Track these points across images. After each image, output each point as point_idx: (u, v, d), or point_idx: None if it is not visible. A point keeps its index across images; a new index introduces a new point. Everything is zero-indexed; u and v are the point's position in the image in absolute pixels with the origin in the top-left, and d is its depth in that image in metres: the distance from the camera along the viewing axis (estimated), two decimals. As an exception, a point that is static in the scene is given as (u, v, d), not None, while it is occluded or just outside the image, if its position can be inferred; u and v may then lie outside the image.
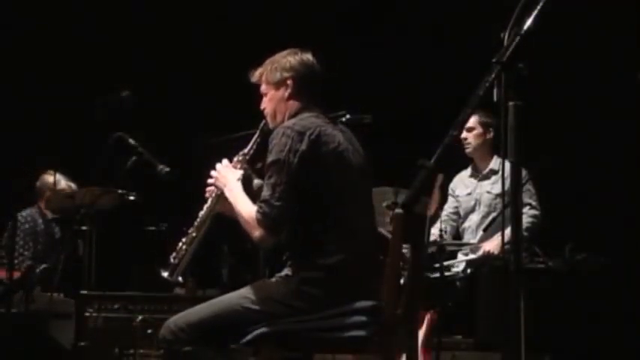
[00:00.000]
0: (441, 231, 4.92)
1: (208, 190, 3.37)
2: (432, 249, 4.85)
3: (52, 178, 5.85)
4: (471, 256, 5.23)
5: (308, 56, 3.32)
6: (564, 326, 4.75)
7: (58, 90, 6.60)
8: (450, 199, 5.61)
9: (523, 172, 2.37)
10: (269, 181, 3.09)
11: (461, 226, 5.58)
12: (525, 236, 5.09)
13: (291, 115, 3.27)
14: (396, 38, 6.52)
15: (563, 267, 4.84)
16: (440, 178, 3.09)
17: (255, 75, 3.36)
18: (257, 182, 3.43)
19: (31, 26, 6.80)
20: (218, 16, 6.81)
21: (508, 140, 2.09)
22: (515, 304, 2.06)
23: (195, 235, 3.34)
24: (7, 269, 5.02)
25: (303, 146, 3.08)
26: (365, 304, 3.07)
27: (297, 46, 3.35)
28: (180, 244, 3.34)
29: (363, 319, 3.06)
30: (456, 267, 5.24)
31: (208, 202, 3.36)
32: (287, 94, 3.28)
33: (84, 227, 5.15)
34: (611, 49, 5.57)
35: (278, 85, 3.30)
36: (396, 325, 2.94)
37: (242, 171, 3.34)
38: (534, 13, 2.07)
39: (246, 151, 3.41)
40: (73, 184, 5.89)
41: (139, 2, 6.84)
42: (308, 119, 3.19)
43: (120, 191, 5.02)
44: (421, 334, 4.57)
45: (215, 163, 3.36)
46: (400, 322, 2.93)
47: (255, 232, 3.09)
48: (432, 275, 4.86)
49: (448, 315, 4.71)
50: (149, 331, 4.61)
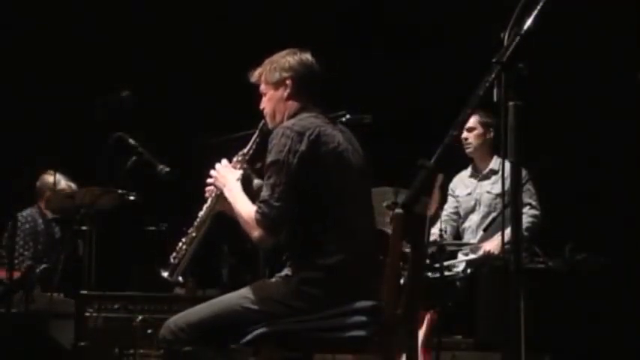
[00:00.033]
0: (441, 231, 4.92)
1: (208, 190, 3.37)
2: (432, 249, 4.85)
3: (52, 178, 5.84)
4: (471, 256, 5.23)
5: (307, 56, 3.32)
6: (564, 326, 4.75)
7: (58, 90, 6.60)
8: (450, 199, 5.61)
9: (523, 172, 2.37)
10: (268, 182, 3.09)
11: (461, 226, 5.58)
12: (525, 236, 5.10)
13: (290, 115, 3.27)
14: (396, 38, 6.52)
15: (563, 267, 4.84)
16: (440, 178, 3.09)
17: (255, 75, 3.36)
18: (257, 182, 3.43)
19: (31, 26, 6.80)
20: (218, 16, 6.81)
21: (508, 140, 2.10)
22: (515, 304, 2.06)
23: (195, 235, 3.34)
24: (7, 269, 5.02)
25: (303, 147, 3.08)
26: (365, 304, 3.07)
27: (297, 46, 3.35)
28: (180, 244, 3.34)
29: (363, 319, 3.06)
30: (456, 267, 5.24)
31: (208, 202, 3.36)
32: (286, 94, 3.28)
33: (84, 227, 5.15)
34: (611, 49, 5.57)
35: (277, 85, 3.29)
36: (396, 325, 2.94)
37: (241, 171, 3.34)
38: (534, 13, 2.07)
39: (245, 151, 3.41)
40: (73, 184, 5.89)
41: (139, 2, 6.84)
42: (307, 119, 3.19)
43: (120, 191, 5.02)
44: (421, 334, 4.57)
45: (215, 163, 3.36)
46: (400, 322, 2.93)
47: (255, 232, 3.09)
48: (432, 275, 4.87)
49: (448, 315, 4.71)
50: (149, 331, 4.60)
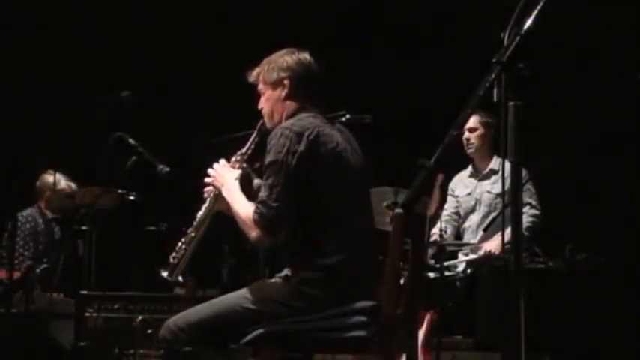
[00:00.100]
0: (441, 231, 4.92)
1: (206, 191, 3.37)
2: (432, 249, 4.85)
3: (52, 178, 5.84)
4: (471, 256, 5.23)
5: (305, 56, 3.31)
6: (564, 326, 4.75)
7: (58, 90, 6.60)
8: (450, 199, 5.61)
9: (523, 172, 2.37)
10: (267, 182, 3.09)
11: (461, 226, 5.58)
12: (525, 236, 5.10)
13: (289, 114, 3.26)
14: (396, 38, 6.52)
15: (563, 267, 4.84)
16: (440, 178, 3.09)
17: (253, 75, 3.35)
18: (257, 182, 3.43)
19: (31, 26, 6.80)
20: (218, 16, 6.81)
21: (508, 140, 2.09)
22: (515, 304, 2.06)
23: (194, 235, 3.34)
24: (7, 269, 5.02)
25: (302, 147, 3.07)
26: (365, 304, 3.07)
27: (297, 46, 3.34)
28: (180, 243, 3.34)
29: (363, 319, 3.06)
30: (456, 267, 5.24)
31: (207, 202, 3.36)
32: (284, 93, 3.27)
33: (84, 227, 5.15)
34: (611, 49, 5.57)
35: (275, 84, 3.29)
36: (396, 325, 2.94)
37: (240, 171, 3.34)
38: (534, 13, 2.07)
39: (244, 150, 3.41)
40: (73, 184, 5.89)
41: (139, 2, 6.84)
42: (306, 119, 3.18)
43: (120, 191, 5.03)
44: (421, 334, 4.57)
45: (214, 163, 3.36)
46: (400, 322, 2.93)
47: (252, 232, 3.09)
48: (432, 275, 4.87)
49: (448, 315, 4.71)
50: (149, 331, 4.60)
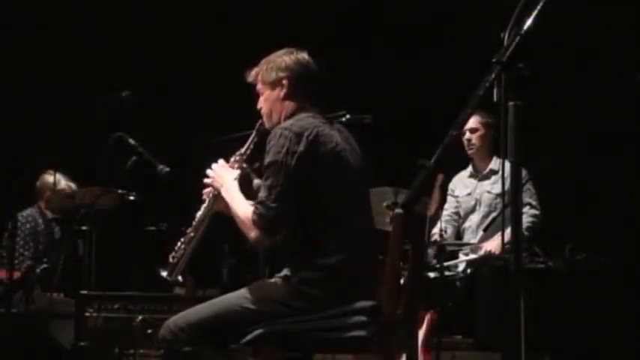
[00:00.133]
0: (441, 231, 4.92)
1: (205, 192, 3.37)
2: (432, 249, 4.85)
3: (52, 178, 5.84)
4: (472, 256, 5.23)
5: (304, 55, 3.30)
6: (564, 326, 4.75)
7: (58, 90, 6.60)
8: (450, 199, 5.61)
9: (523, 172, 2.37)
10: (266, 183, 3.09)
11: (461, 226, 5.58)
12: (526, 236, 5.10)
13: (287, 115, 3.26)
14: (396, 38, 6.52)
15: (563, 267, 4.84)
16: (440, 178, 3.09)
17: (251, 75, 3.35)
18: (257, 182, 3.43)
19: (31, 26, 6.80)
20: (218, 16, 6.81)
21: (508, 140, 2.09)
22: (515, 304, 2.06)
23: (193, 235, 3.34)
24: (7, 269, 5.02)
25: (301, 147, 3.07)
26: (365, 304, 3.07)
27: (297, 46, 3.34)
28: (179, 243, 3.34)
29: (363, 319, 3.06)
30: (456, 267, 5.24)
31: (206, 202, 3.36)
32: (282, 94, 3.27)
33: (84, 227, 5.15)
34: (611, 49, 5.56)
35: (273, 84, 3.28)
36: (396, 325, 2.94)
37: (239, 171, 3.34)
38: (534, 13, 2.07)
39: (243, 150, 3.41)
40: (72, 184, 5.89)
41: (139, 2, 6.84)
42: (305, 119, 3.18)
43: (120, 191, 5.03)
44: (421, 334, 4.57)
45: (213, 163, 3.36)
46: (400, 322, 2.93)
47: (251, 233, 3.09)
48: (432, 275, 4.86)
49: (448, 315, 4.70)
50: (149, 331, 4.61)
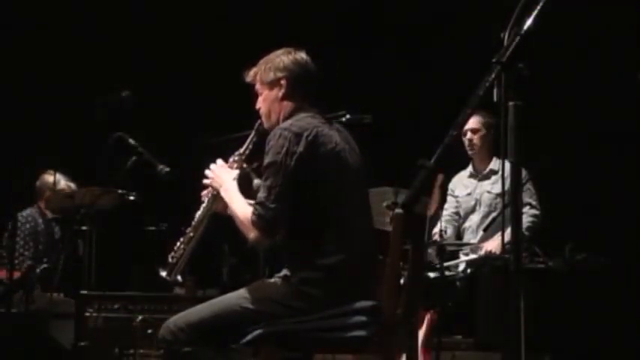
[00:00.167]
0: (441, 231, 4.92)
1: (203, 193, 3.37)
2: (431, 249, 4.85)
3: (51, 177, 5.84)
4: (472, 256, 5.22)
5: (302, 55, 3.30)
6: (564, 326, 4.75)
7: (58, 90, 6.60)
8: (450, 199, 5.61)
9: (523, 172, 2.37)
10: (265, 183, 3.09)
11: (461, 226, 5.58)
12: (526, 236, 5.10)
13: (286, 115, 3.26)
14: (396, 38, 6.52)
15: (563, 267, 4.84)
16: (440, 178, 3.09)
17: (250, 75, 3.34)
18: (257, 182, 3.43)
19: (31, 26, 6.80)
20: (218, 16, 6.81)
21: (508, 140, 2.09)
22: (515, 304, 2.06)
23: (192, 234, 3.34)
24: (7, 269, 5.02)
25: (301, 148, 3.07)
26: (365, 304, 3.07)
27: (297, 46, 3.34)
28: (178, 243, 3.34)
29: (363, 319, 3.06)
30: (457, 267, 5.24)
31: (205, 202, 3.37)
32: (281, 94, 3.27)
33: (84, 227, 5.15)
34: (611, 49, 5.56)
35: (272, 85, 3.28)
36: (396, 325, 2.94)
37: (238, 171, 3.34)
38: (534, 13, 2.07)
39: (241, 151, 3.40)
40: (72, 184, 5.89)
41: (139, 2, 6.84)
42: (304, 120, 3.18)
43: (120, 191, 5.03)
44: (421, 334, 4.57)
45: (212, 163, 3.35)
46: (400, 322, 2.93)
47: (251, 233, 3.09)
48: (432, 275, 4.86)
49: (448, 315, 4.70)
50: (149, 331, 4.61)
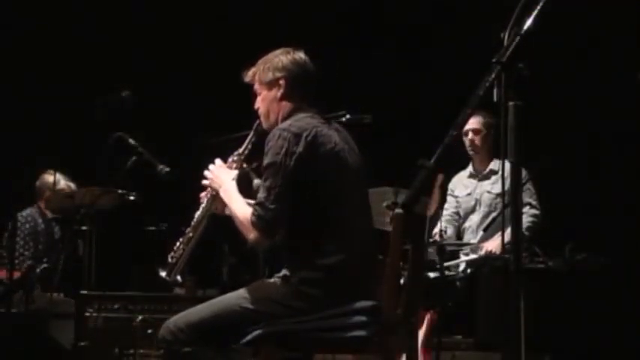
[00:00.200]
0: (441, 231, 4.92)
1: (201, 195, 3.37)
2: (432, 249, 4.84)
3: (51, 177, 5.84)
4: (472, 256, 5.22)
5: (300, 55, 3.29)
6: (564, 326, 4.75)
7: (58, 90, 6.60)
8: (450, 199, 5.61)
9: (523, 172, 2.37)
10: (265, 184, 3.09)
11: (461, 226, 5.57)
12: (526, 235, 5.10)
13: (285, 115, 3.26)
14: (396, 38, 6.52)
15: (563, 267, 4.84)
16: (440, 178, 3.09)
17: (248, 75, 3.34)
18: (257, 182, 3.43)
19: (31, 26, 6.80)
20: (218, 16, 6.81)
21: (508, 140, 2.09)
22: (515, 304, 2.06)
23: (191, 235, 3.34)
24: (7, 269, 5.02)
25: (300, 148, 3.07)
26: (365, 304, 3.07)
27: (297, 46, 3.34)
28: (178, 244, 3.34)
29: (364, 319, 3.06)
30: (457, 267, 5.24)
31: (204, 202, 3.37)
32: (279, 94, 3.27)
33: (84, 227, 5.15)
34: (611, 49, 5.56)
35: (270, 85, 3.28)
36: (396, 325, 2.94)
37: (237, 171, 3.34)
38: (534, 13, 2.07)
39: (240, 151, 3.40)
40: (72, 184, 5.89)
41: (139, 2, 6.83)
42: (303, 120, 3.18)
43: (120, 191, 5.03)
44: (421, 334, 4.57)
45: (211, 163, 3.35)
46: (400, 322, 2.93)
47: (250, 234, 3.10)
48: (432, 275, 4.86)
49: (448, 315, 4.70)
50: (149, 331, 4.61)
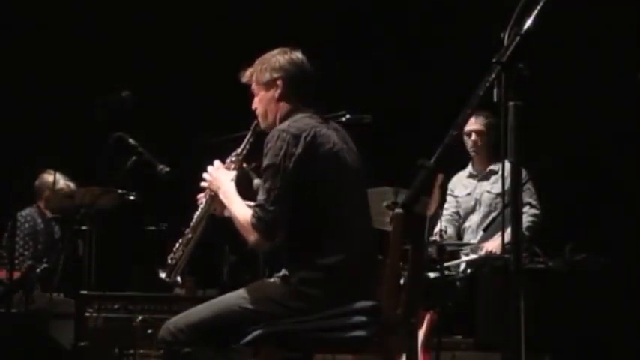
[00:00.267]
0: (441, 231, 4.92)
1: (199, 196, 3.37)
2: (432, 249, 4.84)
3: (50, 177, 5.84)
4: (472, 256, 5.22)
5: (298, 55, 3.29)
6: (564, 326, 4.74)
7: (58, 90, 6.60)
8: (450, 199, 5.61)
9: (523, 172, 2.37)
10: (264, 186, 3.09)
11: (461, 226, 5.57)
12: (526, 235, 5.10)
13: (283, 115, 3.25)
14: (396, 38, 6.52)
15: (563, 267, 4.84)
16: (440, 178, 3.08)
17: (246, 75, 3.34)
18: (257, 182, 3.43)
19: (31, 26, 6.80)
20: (218, 16, 6.81)
21: (508, 140, 2.09)
22: (515, 304, 2.06)
23: (191, 236, 3.34)
24: (7, 269, 5.02)
25: (299, 149, 3.07)
26: (365, 304, 3.07)
27: (297, 46, 3.34)
28: (177, 245, 3.34)
29: (364, 319, 3.06)
30: (457, 267, 5.24)
31: (202, 204, 3.37)
32: (277, 94, 3.26)
33: (84, 227, 5.15)
34: (611, 49, 5.56)
35: (268, 85, 3.27)
36: (396, 325, 2.94)
37: (235, 172, 3.34)
38: (534, 13, 2.07)
39: (239, 151, 3.40)
40: (71, 184, 5.89)
41: (139, 2, 6.83)
42: (302, 120, 3.17)
43: (120, 191, 5.03)
44: (421, 334, 4.57)
45: (209, 165, 3.35)
46: (400, 322, 2.93)
47: (251, 236, 3.10)
48: (432, 275, 4.86)
49: (448, 315, 4.70)
50: (149, 331, 4.61)
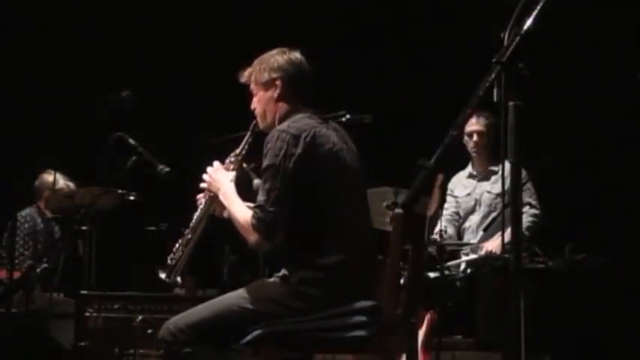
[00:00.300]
0: (441, 231, 4.92)
1: (198, 197, 3.37)
2: (432, 249, 4.85)
3: (50, 177, 5.84)
4: (472, 256, 5.22)
5: (296, 55, 3.28)
6: (564, 326, 4.75)
7: (58, 90, 6.60)
8: (450, 199, 5.61)
9: (523, 172, 2.37)
10: (264, 186, 3.09)
11: (461, 226, 5.57)
12: (526, 235, 5.10)
13: (282, 115, 3.25)
14: (396, 38, 6.52)
15: (563, 267, 4.84)
16: (440, 178, 3.09)
17: (244, 75, 3.33)
18: (257, 182, 3.43)
19: (31, 26, 6.80)
20: (218, 16, 6.81)
21: (508, 140, 2.09)
22: (515, 304, 2.06)
23: (190, 236, 3.34)
24: (7, 269, 5.02)
25: (299, 149, 3.07)
26: (365, 304, 3.07)
27: (297, 46, 3.34)
28: (177, 245, 3.34)
29: (364, 319, 3.06)
30: (457, 267, 5.23)
31: (202, 205, 3.36)
32: (276, 94, 3.26)
33: (84, 227, 5.15)
34: (611, 49, 5.56)
35: (267, 85, 3.27)
36: (396, 325, 2.94)
37: (234, 172, 3.34)
38: (534, 13, 2.07)
39: (238, 151, 3.40)
40: (71, 184, 5.88)
41: (139, 2, 6.83)
42: (302, 120, 3.17)
43: (120, 191, 5.03)
44: (421, 334, 4.57)
45: (209, 166, 3.35)
46: (400, 322, 2.93)
47: (251, 237, 3.10)
48: (432, 275, 4.86)
49: (448, 315, 4.70)
50: (149, 331, 4.61)
